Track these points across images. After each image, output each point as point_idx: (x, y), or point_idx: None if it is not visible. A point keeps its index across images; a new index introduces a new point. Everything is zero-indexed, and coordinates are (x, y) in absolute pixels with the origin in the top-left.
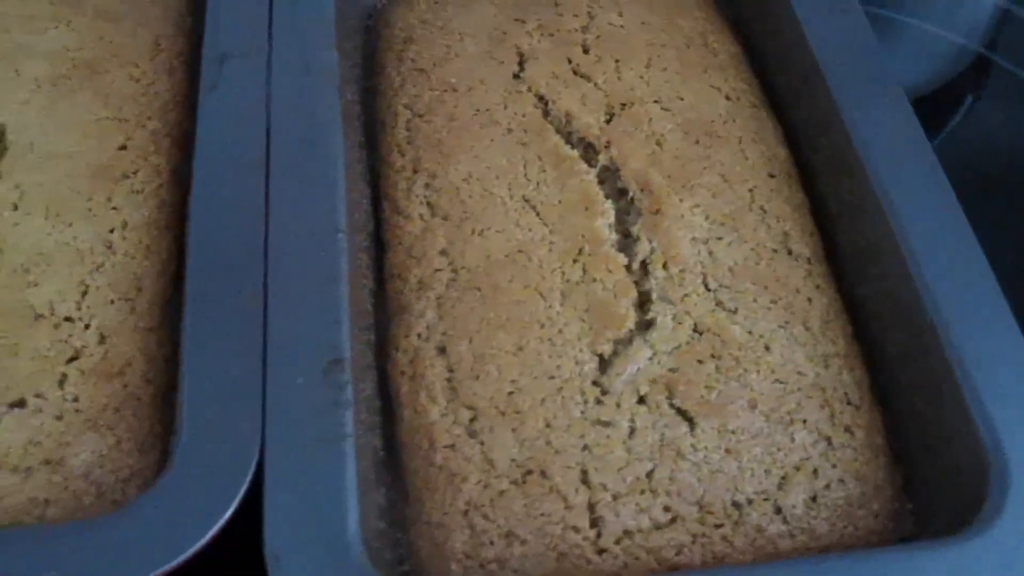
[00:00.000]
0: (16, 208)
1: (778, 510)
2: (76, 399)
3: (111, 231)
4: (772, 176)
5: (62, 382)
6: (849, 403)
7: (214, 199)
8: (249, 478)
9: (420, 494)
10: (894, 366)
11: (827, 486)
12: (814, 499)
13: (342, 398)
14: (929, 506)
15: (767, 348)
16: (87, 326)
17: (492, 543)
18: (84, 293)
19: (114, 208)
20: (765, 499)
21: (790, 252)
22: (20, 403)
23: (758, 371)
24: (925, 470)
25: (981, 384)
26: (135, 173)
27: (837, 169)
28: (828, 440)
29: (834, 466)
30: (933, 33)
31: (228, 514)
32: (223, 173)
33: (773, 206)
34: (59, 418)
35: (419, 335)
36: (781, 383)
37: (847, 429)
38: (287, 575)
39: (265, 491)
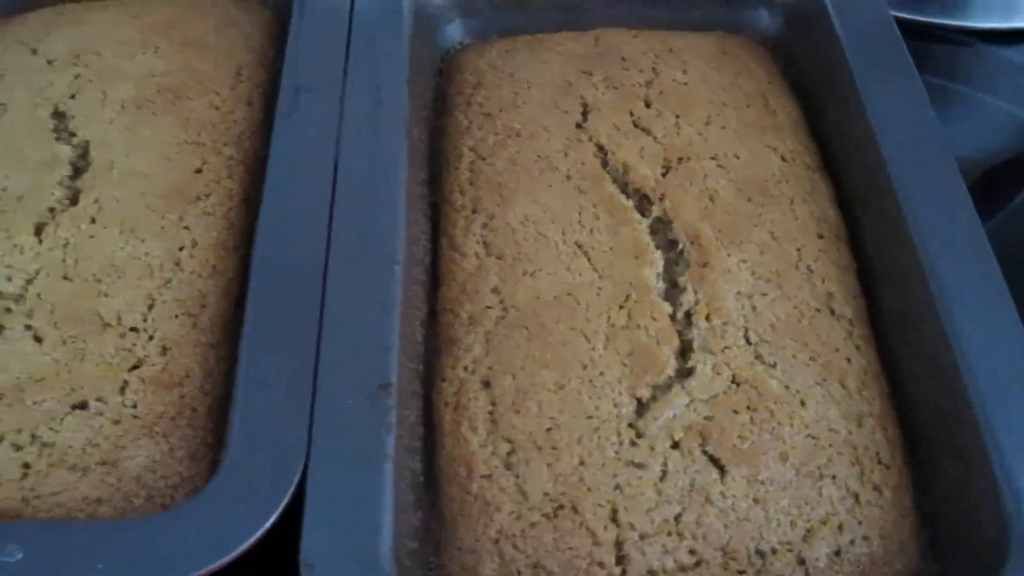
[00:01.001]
0: (93, 221)
1: (801, 561)
2: (135, 405)
3: (180, 249)
4: (821, 237)
5: (123, 388)
6: (880, 462)
7: (280, 224)
8: (292, 490)
9: (454, 520)
10: (927, 428)
11: (852, 542)
12: (838, 553)
13: (386, 421)
14: (953, 568)
15: (802, 403)
16: (151, 337)
17: (519, 572)
18: (151, 306)
19: (185, 227)
20: (789, 550)
21: (832, 312)
22: (82, 405)
23: (792, 425)
24: (951, 532)
25: (1009, 451)
26: (208, 196)
27: (885, 234)
28: (856, 497)
29: (860, 523)
30: (999, 107)
31: (269, 522)
32: (290, 200)
33: (819, 266)
34: (117, 422)
35: (465, 367)
36: (813, 438)
37: (876, 488)
38: None
39: (306, 503)
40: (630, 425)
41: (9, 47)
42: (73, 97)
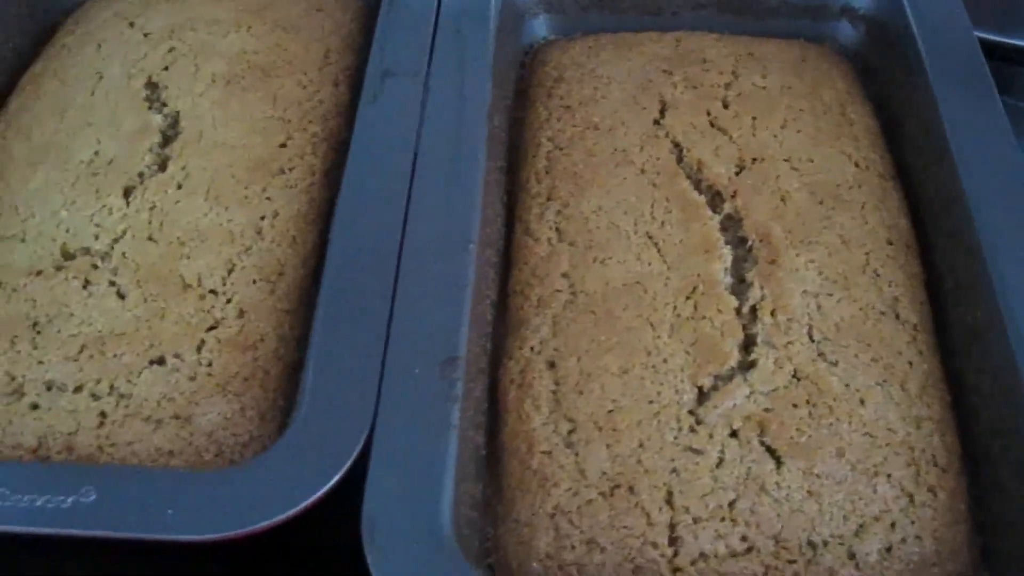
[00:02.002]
0: (180, 188)
1: (852, 555)
2: (210, 364)
3: (262, 219)
4: (890, 243)
5: (200, 347)
6: (936, 465)
7: (359, 200)
8: (357, 452)
9: (513, 493)
10: (987, 440)
11: (903, 540)
12: (888, 550)
13: (453, 392)
14: None
15: (862, 402)
16: (229, 300)
17: (574, 547)
18: (230, 271)
19: (268, 198)
20: (840, 543)
21: (898, 317)
22: (160, 361)
23: (850, 422)
24: (1005, 544)
25: None
26: (291, 170)
27: (955, 248)
28: (910, 497)
29: (912, 522)
30: None
31: (334, 481)
32: (371, 177)
33: (887, 271)
34: (192, 379)
35: (532, 348)
36: (871, 436)
37: (931, 490)
38: (380, 542)
39: (370, 464)
40: (690, 412)
41: (108, 20)
42: (167, 69)
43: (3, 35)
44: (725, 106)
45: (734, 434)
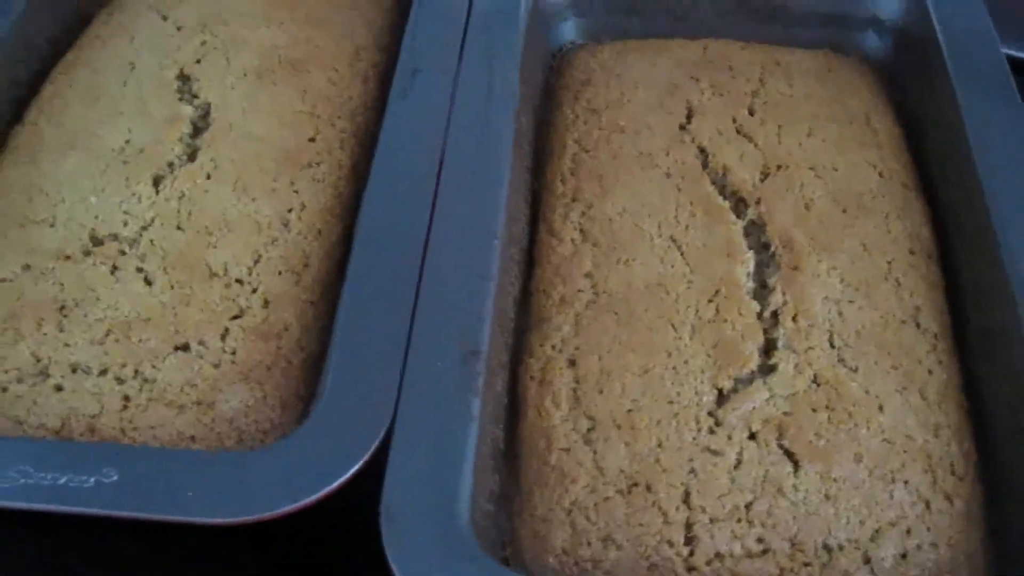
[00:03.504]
0: (209, 178)
1: (867, 560)
2: (234, 352)
3: (289, 211)
4: (912, 253)
5: (224, 335)
6: (953, 473)
7: (386, 195)
8: (378, 441)
9: (530, 488)
10: (1004, 444)
11: (919, 546)
12: (904, 556)
13: (474, 385)
14: None
15: (880, 408)
16: (254, 290)
17: (590, 544)
18: (256, 261)
19: (295, 191)
20: (856, 548)
21: (918, 325)
22: (184, 347)
23: (868, 428)
24: (1021, 551)
25: None
26: (318, 164)
27: (976, 256)
28: (927, 504)
29: (928, 529)
30: None
31: (354, 469)
32: (398, 172)
33: (908, 280)
34: (216, 366)
35: (553, 346)
36: (889, 443)
37: (947, 497)
38: (398, 531)
39: (390, 455)
40: (709, 413)
41: (141, 12)
42: (198, 62)
43: (38, 25)
44: (751, 113)
45: (752, 436)
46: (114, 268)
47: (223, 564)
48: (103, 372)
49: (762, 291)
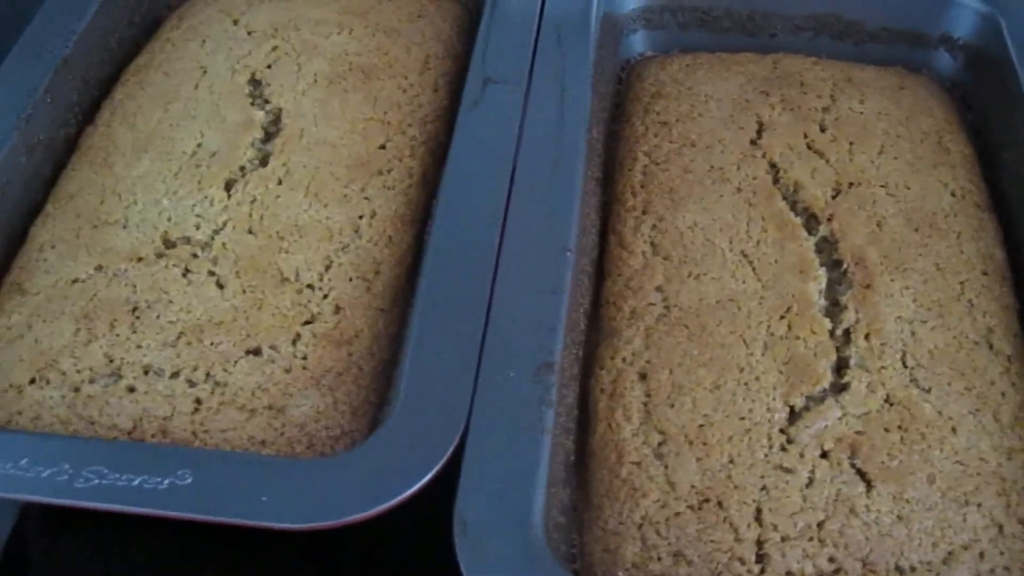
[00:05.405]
0: (280, 183)
1: None
2: (305, 357)
3: (360, 217)
4: (985, 274)
5: (296, 340)
6: None
7: (458, 203)
8: (451, 451)
9: (601, 501)
10: None
11: (992, 571)
12: None
13: (547, 397)
14: None
15: (954, 430)
16: (326, 296)
17: (660, 559)
18: (328, 267)
19: (366, 198)
20: (929, 570)
21: (991, 347)
22: (256, 351)
23: (941, 449)
24: None
25: None
26: (390, 171)
27: None
28: (1000, 528)
29: (1002, 553)
30: None
31: (427, 477)
32: (470, 181)
33: (981, 301)
34: (287, 371)
35: (624, 359)
36: (962, 465)
37: (1021, 521)
38: (472, 541)
39: (464, 463)
40: (781, 431)
41: (212, 16)
42: (270, 67)
43: (108, 27)
44: (822, 129)
45: (825, 455)
46: (186, 271)
47: (291, 571)
48: (175, 374)
49: (834, 309)
